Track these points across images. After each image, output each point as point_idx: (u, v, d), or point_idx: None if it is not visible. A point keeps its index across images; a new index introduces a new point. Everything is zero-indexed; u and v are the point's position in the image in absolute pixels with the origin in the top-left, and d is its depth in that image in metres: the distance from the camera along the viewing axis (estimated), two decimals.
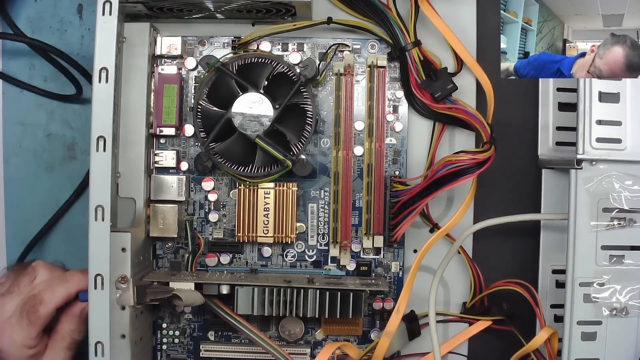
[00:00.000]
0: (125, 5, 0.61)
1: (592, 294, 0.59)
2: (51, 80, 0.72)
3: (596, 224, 0.59)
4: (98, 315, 0.54)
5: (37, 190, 0.72)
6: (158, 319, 0.68)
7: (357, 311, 0.62)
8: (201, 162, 0.65)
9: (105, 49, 0.54)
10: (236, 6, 0.62)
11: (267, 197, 0.66)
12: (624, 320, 0.59)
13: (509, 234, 0.68)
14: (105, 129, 0.54)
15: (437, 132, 0.66)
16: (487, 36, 0.68)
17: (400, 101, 0.66)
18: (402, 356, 0.67)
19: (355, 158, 0.66)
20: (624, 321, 0.59)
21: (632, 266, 0.59)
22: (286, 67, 0.64)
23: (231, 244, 0.67)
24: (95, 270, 0.54)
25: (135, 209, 0.64)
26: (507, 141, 0.65)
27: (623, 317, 0.59)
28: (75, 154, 0.73)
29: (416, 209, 0.62)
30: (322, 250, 0.67)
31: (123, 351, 0.59)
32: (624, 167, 0.59)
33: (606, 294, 0.59)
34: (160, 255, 0.67)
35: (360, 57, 0.66)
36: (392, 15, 0.63)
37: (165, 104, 0.65)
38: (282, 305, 0.61)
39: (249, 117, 0.63)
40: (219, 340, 0.68)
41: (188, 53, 0.67)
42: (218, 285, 0.62)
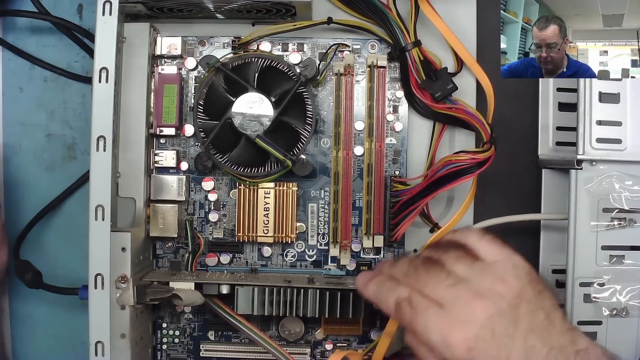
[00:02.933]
0: (125, 5, 0.61)
1: (592, 294, 0.59)
2: (51, 80, 0.72)
3: (596, 224, 0.59)
4: (98, 315, 0.54)
5: (37, 190, 0.72)
6: (158, 318, 0.68)
7: (357, 311, 0.62)
8: (201, 162, 0.65)
9: (105, 49, 0.54)
10: (236, 6, 0.62)
11: (267, 197, 0.66)
12: (624, 320, 0.59)
13: (509, 234, 0.67)
14: (105, 129, 0.54)
15: (437, 132, 0.66)
16: (487, 36, 0.68)
17: (400, 101, 0.66)
18: (402, 356, 0.67)
19: (355, 158, 0.66)
20: (624, 321, 0.59)
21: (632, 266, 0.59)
22: (286, 67, 0.64)
23: (231, 243, 0.67)
24: (95, 269, 0.54)
25: (135, 209, 0.64)
26: (507, 141, 0.65)
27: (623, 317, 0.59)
28: (75, 154, 0.73)
29: (416, 209, 0.62)
30: (322, 250, 0.67)
31: (123, 351, 0.59)
32: (624, 168, 0.59)
33: (606, 294, 0.59)
34: (160, 255, 0.67)
35: (360, 57, 0.66)
36: (392, 16, 0.63)
37: (165, 104, 0.65)
38: (282, 305, 0.61)
39: (249, 117, 0.63)
40: (219, 340, 0.68)
41: (188, 53, 0.67)
42: (218, 285, 0.62)
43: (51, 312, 0.72)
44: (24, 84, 0.72)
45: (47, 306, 0.72)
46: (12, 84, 0.72)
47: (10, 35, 0.72)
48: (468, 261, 0.48)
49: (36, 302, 0.72)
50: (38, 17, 0.69)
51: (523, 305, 0.44)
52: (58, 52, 0.72)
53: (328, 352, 0.67)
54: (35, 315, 0.73)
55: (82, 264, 0.54)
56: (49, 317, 0.73)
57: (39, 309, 0.72)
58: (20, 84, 0.72)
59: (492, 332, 0.43)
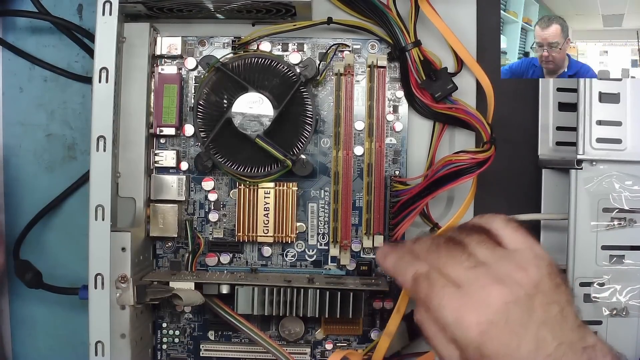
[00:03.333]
0: (125, 5, 0.61)
1: (592, 294, 0.59)
2: (51, 80, 0.72)
3: (596, 224, 0.59)
4: (98, 315, 0.54)
5: (37, 190, 0.72)
6: (158, 318, 0.68)
7: (357, 311, 0.62)
8: (201, 162, 0.65)
9: (105, 49, 0.54)
10: (236, 6, 0.62)
11: (267, 197, 0.66)
12: (624, 320, 0.59)
13: None
14: (105, 129, 0.54)
15: (437, 132, 0.66)
16: (487, 36, 0.68)
17: (400, 101, 0.66)
18: (402, 356, 0.67)
19: (355, 158, 0.66)
20: (624, 321, 0.59)
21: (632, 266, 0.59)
22: (286, 67, 0.64)
23: (231, 243, 0.67)
24: (95, 269, 0.54)
25: (135, 209, 0.64)
26: (507, 141, 0.65)
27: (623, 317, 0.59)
28: (75, 154, 0.73)
29: (416, 209, 0.62)
30: (322, 250, 0.67)
31: (123, 351, 0.59)
32: (624, 167, 0.59)
33: (606, 294, 0.59)
34: (160, 255, 0.67)
35: (360, 57, 0.66)
36: (392, 16, 0.63)
37: (165, 104, 0.65)
38: (282, 305, 0.61)
39: (249, 117, 0.63)
40: (219, 339, 0.68)
41: (188, 53, 0.67)
42: (218, 285, 0.62)
43: (51, 312, 0.72)
44: (24, 84, 0.72)
45: (47, 306, 0.72)
46: (12, 84, 0.72)
47: (10, 35, 0.72)
48: (490, 246, 0.47)
49: (36, 302, 0.72)
50: (38, 17, 0.69)
51: (539, 297, 0.44)
52: (58, 52, 0.72)
53: (328, 352, 0.67)
54: (35, 315, 0.73)
55: (82, 264, 0.54)
56: (49, 317, 0.73)
57: (39, 309, 0.72)
58: (20, 84, 0.72)
59: (506, 319, 0.43)
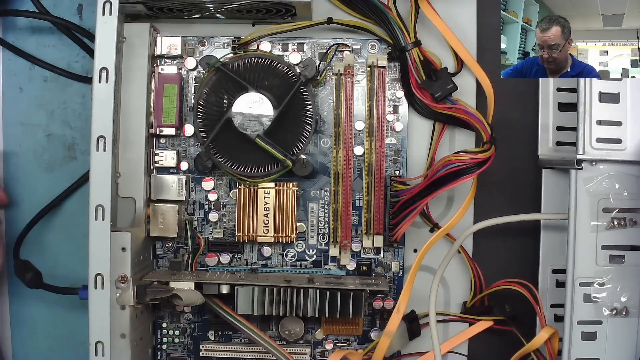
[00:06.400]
0: (125, 5, 0.61)
1: (592, 294, 0.59)
2: (51, 80, 0.72)
3: (596, 224, 0.59)
4: (98, 314, 0.54)
5: (37, 190, 0.72)
6: (158, 318, 0.68)
7: (357, 311, 0.62)
8: (201, 162, 0.65)
9: (105, 49, 0.54)
10: (236, 6, 0.62)
11: (267, 197, 0.66)
12: (624, 320, 0.59)
13: (509, 234, 0.68)
14: (105, 129, 0.54)
15: (437, 132, 0.66)
16: (487, 36, 0.68)
17: (400, 101, 0.66)
18: (402, 356, 0.67)
19: (355, 158, 0.66)
20: (624, 321, 0.59)
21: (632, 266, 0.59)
22: (286, 67, 0.64)
23: (231, 243, 0.67)
24: (95, 269, 0.54)
25: (135, 209, 0.64)
26: (507, 141, 0.65)
27: (623, 317, 0.59)
28: (75, 154, 0.73)
29: (416, 209, 0.62)
30: (322, 250, 0.67)
31: (123, 351, 0.59)
32: (624, 167, 0.59)
33: (606, 294, 0.59)
34: (160, 255, 0.67)
35: (360, 57, 0.66)
36: (392, 16, 0.63)
37: (165, 104, 0.65)
38: (282, 305, 0.61)
39: (249, 117, 0.63)
40: (219, 339, 0.68)
41: (188, 53, 0.67)
42: (218, 285, 0.62)
43: (51, 312, 0.72)
44: (24, 84, 0.72)
45: (47, 306, 0.72)
46: (12, 84, 0.72)
47: (10, 35, 0.72)
48: None
49: (36, 302, 0.72)
50: (38, 17, 0.69)
51: None
52: (58, 52, 0.72)
53: (328, 352, 0.67)
54: (35, 315, 0.73)
55: (82, 264, 0.54)
56: (49, 317, 0.73)
57: (39, 309, 0.72)
58: (20, 84, 0.72)
59: None
